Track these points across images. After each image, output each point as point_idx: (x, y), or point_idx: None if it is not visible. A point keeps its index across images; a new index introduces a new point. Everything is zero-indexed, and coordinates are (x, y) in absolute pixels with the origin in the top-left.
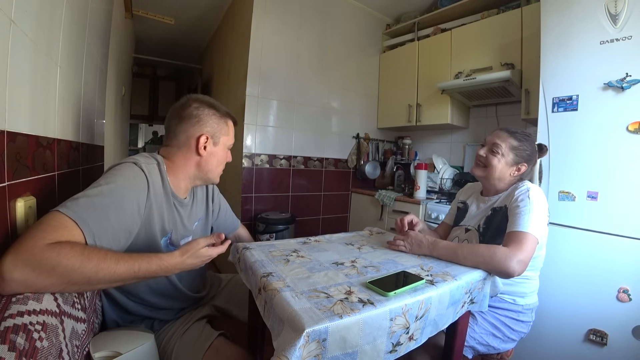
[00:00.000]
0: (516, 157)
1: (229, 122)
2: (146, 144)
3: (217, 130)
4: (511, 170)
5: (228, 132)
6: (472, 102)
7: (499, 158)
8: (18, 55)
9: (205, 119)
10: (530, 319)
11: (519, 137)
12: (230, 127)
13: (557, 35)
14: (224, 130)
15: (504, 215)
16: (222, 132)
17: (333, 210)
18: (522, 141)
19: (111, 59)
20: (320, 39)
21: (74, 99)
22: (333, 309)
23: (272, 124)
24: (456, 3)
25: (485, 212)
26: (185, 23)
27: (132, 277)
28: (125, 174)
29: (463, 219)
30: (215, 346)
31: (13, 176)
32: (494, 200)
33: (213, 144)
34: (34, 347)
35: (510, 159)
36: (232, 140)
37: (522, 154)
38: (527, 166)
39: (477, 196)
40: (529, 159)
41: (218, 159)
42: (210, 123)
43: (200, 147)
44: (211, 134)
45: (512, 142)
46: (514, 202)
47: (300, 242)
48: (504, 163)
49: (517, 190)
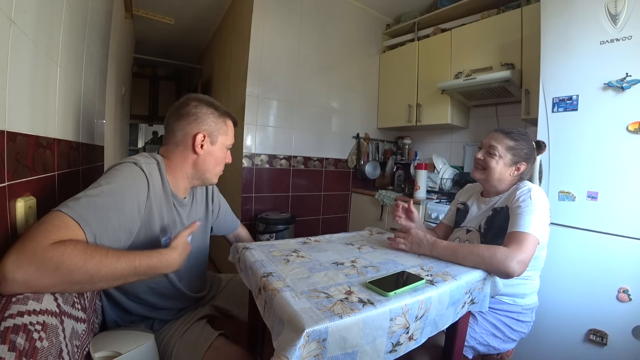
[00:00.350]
0: (514, 157)
1: (228, 121)
2: (146, 144)
3: (214, 129)
4: (510, 171)
5: (227, 131)
6: (472, 102)
7: (497, 160)
8: (18, 55)
9: (203, 117)
10: (530, 319)
11: (514, 136)
12: (229, 127)
13: (557, 35)
14: (222, 130)
15: (505, 216)
16: (220, 132)
17: (333, 210)
18: (518, 140)
19: (111, 59)
20: (320, 39)
21: (74, 99)
22: (333, 309)
23: (272, 124)
24: (456, 3)
25: (487, 213)
26: (185, 23)
27: (133, 273)
28: (125, 174)
29: (464, 220)
30: (216, 346)
31: (13, 176)
32: (495, 200)
33: (210, 143)
34: (34, 347)
35: (508, 159)
36: (232, 140)
37: (520, 153)
38: (526, 165)
39: (477, 197)
40: (527, 157)
41: (216, 159)
42: (208, 122)
43: (197, 145)
44: (209, 132)
45: (508, 142)
46: (516, 203)
47: (300, 242)
48: (503, 164)
49: (518, 190)
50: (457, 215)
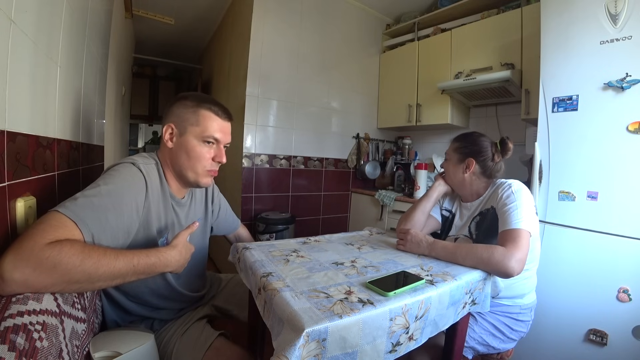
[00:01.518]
0: (460, 155)
1: (201, 111)
2: (146, 144)
3: (182, 120)
4: (461, 169)
5: (198, 121)
6: (472, 102)
7: (448, 162)
8: (18, 55)
9: (173, 110)
10: (529, 319)
11: (459, 138)
12: (202, 117)
13: (557, 36)
14: (192, 120)
15: (493, 216)
16: (188, 122)
17: (333, 210)
18: (462, 140)
19: (111, 59)
20: (320, 39)
21: (74, 99)
22: (333, 309)
23: (272, 124)
24: (456, 3)
25: (472, 218)
26: (185, 23)
27: (132, 271)
28: (123, 175)
29: (451, 229)
30: (216, 346)
31: (13, 176)
32: (477, 204)
33: (179, 135)
34: (34, 347)
35: (455, 159)
36: (208, 131)
37: (464, 150)
38: (474, 160)
39: (459, 203)
40: (473, 153)
41: (187, 152)
42: (177, 112)
43: (166, 139)
44: (175, 123)
45: (455, 144)
46: (501, 201)
47: (300, 242)
48: (452, 165)
49: (500, 189)
50: (445, 223)
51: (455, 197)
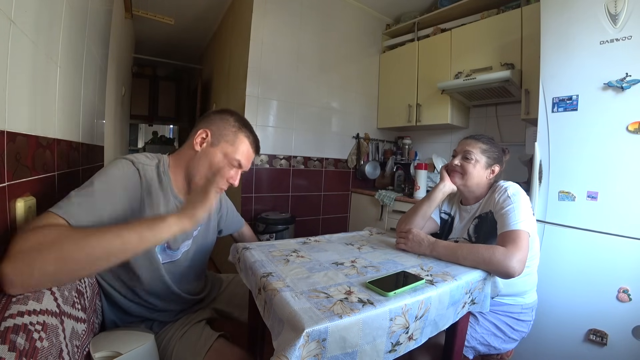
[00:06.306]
0: (489, 159)
1: (241, 136)
2: (146, 144)
3: (221, 133)
4: (487, 173)
5: (234, 142)
6: (472, 102)
7: (474, 164)
8: (18, 55)
9: (215, 120)
10: (530, 319)
11: (485, 140)
12: (240, 141)
13: (557, 35)
14: (229, 138)
15: (492, 221)
16: (225, 137)
17: (333, 210)
18: (489, 144)
19: (111, 59)
20: (320, 39)
21: (74, 99)
22: (333, 309)
23: (272, 124)
24: (456, 3)
25: (471, 221)
26: (185, 23)
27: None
28: (114, 171)
29: (451, 231)
30: (216, 348)
31: (13, 176)
32: (476, 208)
33: (211, 144)
34: (34, 347)
35: (484, 162)
36: (239, 156)
37: (493, 155)
38: (499, 167)
39: (458, 206)
40: (500, 160)
41: (210, 162)
42: (218, 124)
43: (197, 139)
44: (212, 132)
45: (482, 145)
46: (498, 205)
47: (300, 242)
48: (479, 167)
49: (495, 193)
50: (444, 226)
51: (454, 200)
